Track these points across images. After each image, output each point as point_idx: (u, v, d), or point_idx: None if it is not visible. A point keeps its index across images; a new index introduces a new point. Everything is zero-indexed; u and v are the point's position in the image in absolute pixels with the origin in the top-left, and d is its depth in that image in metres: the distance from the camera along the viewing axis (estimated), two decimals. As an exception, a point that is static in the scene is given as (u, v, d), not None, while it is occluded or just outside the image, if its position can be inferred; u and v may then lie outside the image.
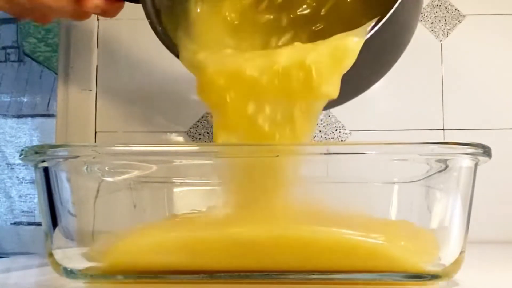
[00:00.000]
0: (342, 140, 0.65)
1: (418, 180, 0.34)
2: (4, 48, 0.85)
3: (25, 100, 0.84)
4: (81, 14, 0.46)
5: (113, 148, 0.35)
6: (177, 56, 0.42)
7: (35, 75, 0.84)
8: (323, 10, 0.46)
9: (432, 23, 0.66)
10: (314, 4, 0.46)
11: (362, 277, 0.32)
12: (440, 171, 0.33)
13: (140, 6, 0.45)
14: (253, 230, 0.32)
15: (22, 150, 0.35)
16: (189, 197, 0.37)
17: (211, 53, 0.39)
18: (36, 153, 0.34)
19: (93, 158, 0.35)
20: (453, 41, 0.66)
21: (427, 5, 0.66)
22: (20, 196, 0.83)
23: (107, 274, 0.33)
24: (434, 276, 0.33)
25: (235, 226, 0.33)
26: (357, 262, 0.32)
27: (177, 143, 0.61)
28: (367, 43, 0.37)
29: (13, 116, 0.84)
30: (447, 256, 0.33)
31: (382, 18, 0.37)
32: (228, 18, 0.45)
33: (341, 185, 0.34)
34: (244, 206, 0.35)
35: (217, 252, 0.32)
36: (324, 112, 0.65)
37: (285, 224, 0.33)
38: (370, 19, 0.37)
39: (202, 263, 0.33)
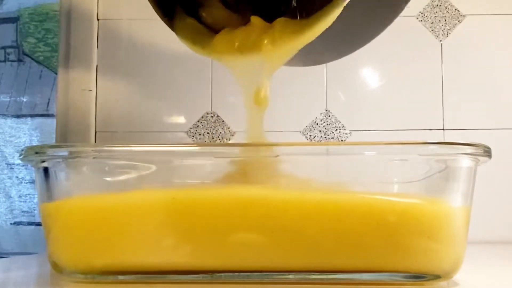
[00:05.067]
0: (342, 140, 0.65)
1: (418, 180, 0.34)
2: (3, 48, 0.85)
3: (24, 100, 0.84)
4: None
5: (113, 148, 0.35)
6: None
7: (34, 75, 0.84)
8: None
9: (432, 23, 0.66)
10: None
11: (362, 277, 0.33)
12: (440, 171, 0.33)
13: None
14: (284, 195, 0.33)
15: (22, 150, 0.35)
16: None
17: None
18: (36, 153, 0.34)
19: (93, 158, 0.35)
20: (453, 41, 0.66)
21: (427, 5, 0.66)
22: (20, 196, 0.83)
23: (107, 274, 0.33)
24: (434, 276, 0.33)
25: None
26: (392, 223, 0.32)
27: (177, 143, 0.61)
28: None
29: (13, 116, 0.84)
30: (448, 256, 0.33)
31: None
32: None
33: (341, 185, 0.34)
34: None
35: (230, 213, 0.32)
36: (324, 112, 0.65)
37: (317, 192, 0.33)
38: None
39: (203, 262, 0.33)
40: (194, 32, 0.44)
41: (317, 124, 0.65)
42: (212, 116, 0.66)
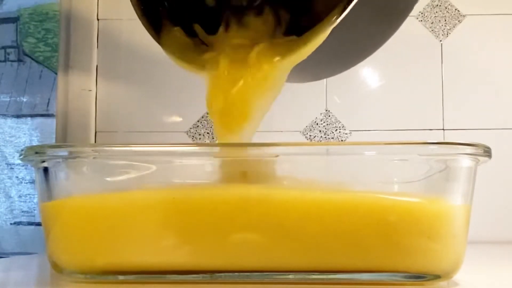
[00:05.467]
0: (342, 140, 0.65)
1: (418, 180, 0.34)
2: (3, 47, 0.85)
3: (24, 100, 0.84)
4: None
5: (113, 148, 0.35)
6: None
7: (34, 75, 0.84)
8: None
9: (432, 23, 0.66)
10: None
11: (362, 277, 0.32)
12: (440, 171, 0.33)
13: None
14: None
15: (22, 150, 0.35)
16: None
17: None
18: (36, 153, 0.34)
19: (93, 158, 0.35)
20: (453, 41, 0.66)
21: (427, 5, 0.66)
22: (20, 196, 0.83)
23: (107, 274, 0.33)
24: (434, 276, 0.33)
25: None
26: (392, 223, 0.32)
27: (177, 143, 0.61)
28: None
29: (13, 116, 0.84)
30: (448, 256, 0.33)
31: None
32: None
33: (341, 185, 0.34)
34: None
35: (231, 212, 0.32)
36: (324, 112, 0.65)
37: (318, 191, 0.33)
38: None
39: (203, 262, 0.33)
40: (181, 47, 0.44)
41: (317, 124, 0.65)
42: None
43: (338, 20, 0.37)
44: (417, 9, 0.66)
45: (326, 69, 0.47)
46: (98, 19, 0.68)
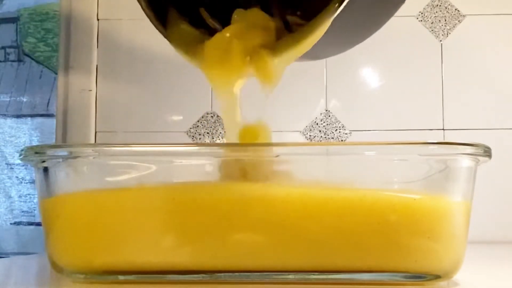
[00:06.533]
0: (342, 140, 0.65)
1: (418, 180, 0.34)
2: (3, 48, 0.85)
3: (24, 100, 0.84)
4: None
5: (113, 148, 0.35)
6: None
7: (34, 75, 0.84)
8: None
9: (432, 23, 0.66)
10: None
11: (362, 277, 0.33)
12: (440, 171, 0.33)
13: (139, 6, 0.45)
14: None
15: (22, 150, 0.35)
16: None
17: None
18: (36, 153, 0.34)
19: (93, 158, 0.35)
20: (453, 41, 0.66)
21: (427, 5, 0.66)
22: (20, 196, 0.83)
23: (107, 274, 0.33)
24: (434, 276, 0.33)
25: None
26: (392, 223, 0.32)
27: (177, 143, 0.61)
28: None
29: (13, 116, 0.85)
30: (448, 256, 0.33)
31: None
32: None
33: (341, 185, 0.34)
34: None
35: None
36: (324, 112, 0.65)
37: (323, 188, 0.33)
38: None
39: (203, 262, 0.33)
40: (187, 40, 0.43)
41: (317, 124, 0.65)
42: (212, 116, 0.66)
43: (339, 10, 0.37)
44: (417, 9, 0.66)
45: (326, 49, 0.47)
46: (98, 19, 0.68)
